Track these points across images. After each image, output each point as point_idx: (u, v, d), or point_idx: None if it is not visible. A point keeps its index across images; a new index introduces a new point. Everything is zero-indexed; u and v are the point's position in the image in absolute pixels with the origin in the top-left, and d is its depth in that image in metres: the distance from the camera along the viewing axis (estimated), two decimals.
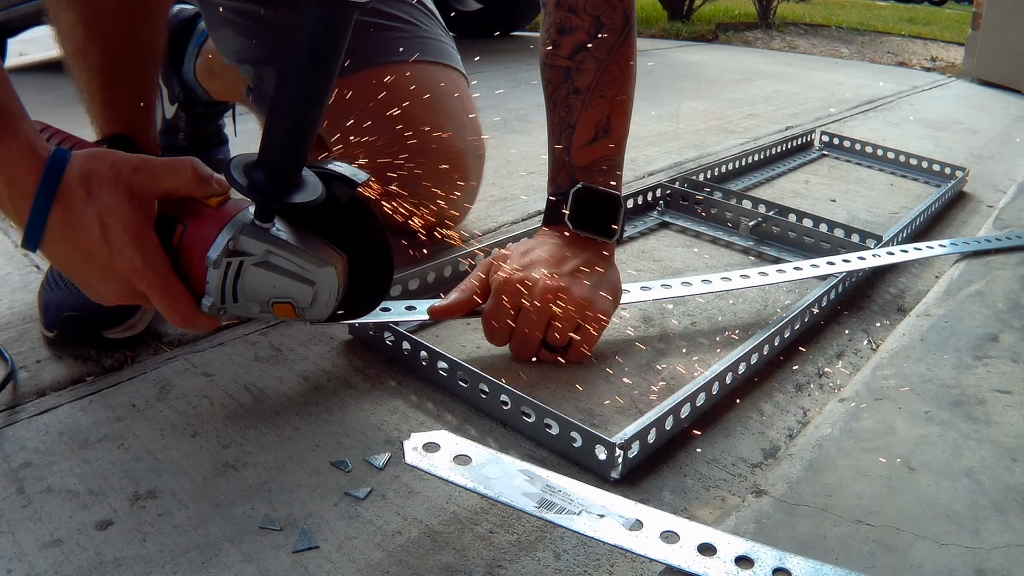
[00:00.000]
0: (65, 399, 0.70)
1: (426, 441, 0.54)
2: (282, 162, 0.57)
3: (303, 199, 0.57)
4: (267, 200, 0.57)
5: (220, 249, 0.58)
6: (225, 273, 0.59)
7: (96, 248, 0.57)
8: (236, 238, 0.58)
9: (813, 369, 0.81)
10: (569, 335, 0.76)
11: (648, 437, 0.64)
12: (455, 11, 3.24)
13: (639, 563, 0.54)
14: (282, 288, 0.61)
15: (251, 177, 0.56)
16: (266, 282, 0.60)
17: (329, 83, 0.55)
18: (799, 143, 1.63)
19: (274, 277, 0.60)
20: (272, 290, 0.61)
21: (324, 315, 0.63)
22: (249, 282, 0.60)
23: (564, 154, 0.82)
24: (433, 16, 1.10)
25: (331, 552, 0.54)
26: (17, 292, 0.90)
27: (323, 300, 0.62)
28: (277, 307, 0.62)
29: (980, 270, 1.00)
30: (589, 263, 0.79)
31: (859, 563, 0.52)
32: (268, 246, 0.59)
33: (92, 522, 0.56)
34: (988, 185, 1.47)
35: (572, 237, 0.80)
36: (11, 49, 2.70)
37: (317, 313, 0.63)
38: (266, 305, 0.61)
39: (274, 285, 0.60)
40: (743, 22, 4.49)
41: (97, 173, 0.56)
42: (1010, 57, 2.52)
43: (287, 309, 0.62)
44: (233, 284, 0.60)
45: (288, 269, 0.60)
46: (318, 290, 0.61)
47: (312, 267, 0.60)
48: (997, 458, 0.63)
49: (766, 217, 1.11)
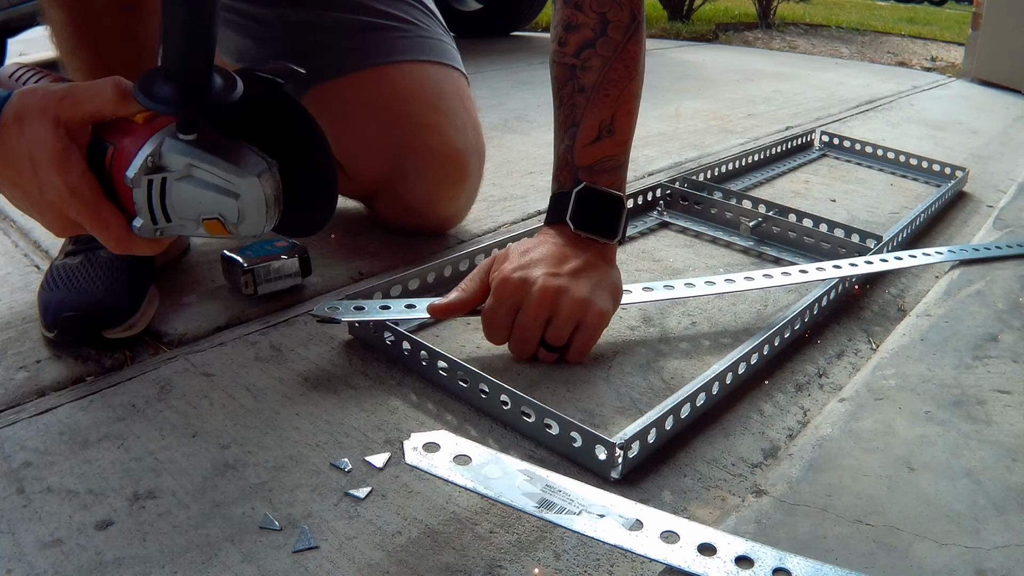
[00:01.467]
0: (65, 399, 0.70)
1: (426, 441, 0.55)
2: (185, 64, 0.54)
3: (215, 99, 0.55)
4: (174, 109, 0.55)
5: (138, 166, 0.56)
6: (149, 191, 0.56)
7: (29, 181, 0.57)
8: (156, 153, 0.56)
9: (813, 369, 0.81)
10: (568, 335, 0.76)
11: (648, 437, 0.64)
12: (455, 11, 3.26)
13: (639, 563, 0.54)
14: (208, 203, 0.57)
15: (156, 87, 0.54)
16: (191, 198, 0.57)
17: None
18: (799, 143, 1.63)
19: (198, 192, 0.57)
20: (199, 206, 0.58)
21: (258, 229, 0.59)
22: (176, 198, 0.57)
23: (568, 153, 0.82)
24: (433, 16, 1.10)
25: (331, 552, 0.54)
26: (17, 292, 0.90)
27: (252, 213, 0.58)
28: (208, 224, 0.58)
29: (980, 270, 1.00)
30: (590, 263, 0.78)
31: (859, 563, 0.52)
32: (189, 159, 0.56)
33: (92, 522, 0.56)
34: (988, 185, 1.47)
35: (574, 237, 0.80)
36: (11, 49, 2.70)
37: (250, 228, 0.59)
38: (199, 224, 0.58)
39: (199, 200, 0.57)
40: (743, 22, 4.49)
41: (28, 108, 0.57)
42: (1010, 57, 2.52)
43: (217, 226, 0.59)
44: (161, 202, 0.57)
45: (211, 183, 0.57)
46: (244, 203, 0.57)
47: (234, 178, 0.57)
48: (997, 458, 0.63)
49: (766, 217, 1.11)
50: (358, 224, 1.11)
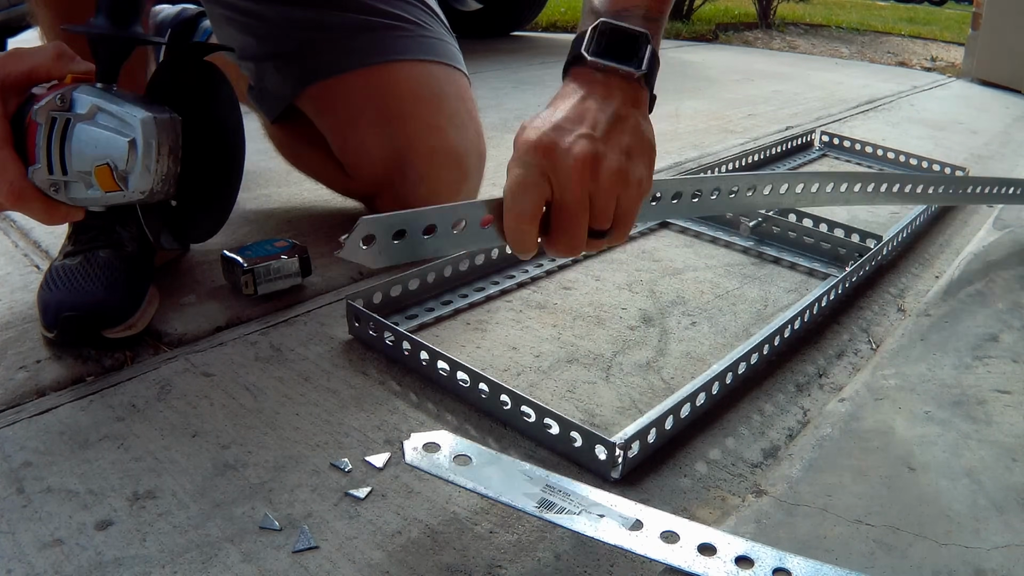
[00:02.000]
0: (65, 399, 0.70)
1: (426, 441, 0.55)
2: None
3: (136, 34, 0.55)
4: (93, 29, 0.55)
5: (46, 102, 0.55)
6: (50, 131, 0.56)
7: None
8: (67, 94, 0.56)
9: (813, 369, 0.81)
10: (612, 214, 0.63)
11: (648, 437, 0.64)
12: (455, 11, 3.26)
13: (639, 563, 0.54)
14: (102, 147, 0.56)
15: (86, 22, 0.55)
16: (89, 141, 0.56)
17: None
18: (799, 143, 1.63)
19: (95, 133, 0.56)
20: (93, 150, 0.56)
21: (146, 183, 0.57)
22: (75, 144, 0.56)
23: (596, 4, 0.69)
24: (436, 16, 1.10)
25: (331, 552, 0.54)
26: (17, 292, 0.90)
27: (143, 161, 0.56)
28: (99, 173, 0.57)
29: (980, 270, 1.00)
30: (620, 117, 0.64)
31: (859, 563, 0.52)
32: (97, 100, 0.56)
33: (92, 522, 0.56)
34: None
35: (593, 81, 0.65)
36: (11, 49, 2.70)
37: (138, 181, 0.56)
38: (91, 177, 0.57)
39: (96, 144, 0.56)
40: (743, 22, 4.49)
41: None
42: (1010, 57, 2.52)
43: (107, 175, 0.57)
44: (61, 147, 0.56)
45: (109, 125, 0.56)
46: (136, 147, 0.55)
47: (131, 117, 0.55)
48: (997, 458, 0.63)
49: (766, 217, 1.11)
50: None
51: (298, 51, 1.02)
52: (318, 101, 1.03)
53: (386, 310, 0.86)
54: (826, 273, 1.02)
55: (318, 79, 1.01)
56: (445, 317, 0.87)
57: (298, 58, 1.02)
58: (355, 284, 0.95)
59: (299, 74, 1.02)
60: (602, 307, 0.91)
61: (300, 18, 1.02)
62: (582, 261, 1.03)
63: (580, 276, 0.99)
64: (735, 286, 0.98)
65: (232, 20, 1.04)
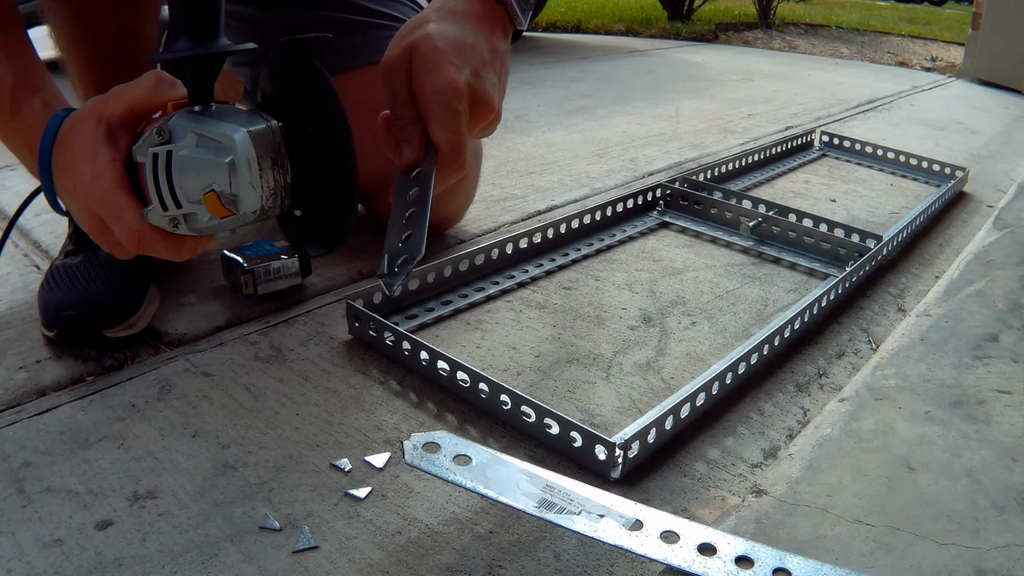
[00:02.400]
0: (65, 399, 0.70)
1: (426, 441, 0.54)
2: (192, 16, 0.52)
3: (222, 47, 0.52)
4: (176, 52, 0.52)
5: (144, 139, 0.53)
6: (155, 166, 0.53)
7: (68, 176, 0.57)
8: (164, 125, 0.53)
9: (813, 369, 0.81)
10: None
11: (648, 437, 0.64)
12: None
13: (639, 563, 0.54)
14: (205, 173, 0.52)
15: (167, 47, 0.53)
16: (193, 169, 0.53)
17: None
18: (799, 143, 1.63)
19: (199, 160, 0.52)
20: (198, 178, 0.53)
21: (256, 203, 0.53)
22: (181, 175, 0.53)
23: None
24: None
25: (331, 552, 0.54)
26: (17, 292, 0.90)
27: (245, 179, 0.52)
28: (208, 200, 0.53)
29: (980, 270, 1.00)
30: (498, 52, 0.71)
31: (859, 563, 0.52)
32: (195, 126, 0.52)
33: (92, 522, 0.56)
34: (988, 185, 1.47)
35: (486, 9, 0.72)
36: None
37: (248, 201, 0.53)
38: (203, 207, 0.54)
39: (199, 172, 0.52)
40: (743, 22, 4.49)
41: (80, 114, 0.57)
42: (1010, 57, 2.52)
43: (215, 202, 0.53)
44: (169, 181, 0.53)
45: (208, 149, 0.53)
46: (235, 166, 0.52)
47: (226, 135, 0.52)
48: (997, 458, 0.63)
49: (766, 217, 1.11)
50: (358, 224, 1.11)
51: None
52: None
53: (386, 310, 0.86)
54: (826, 273, 1.02)
55: None
56: (445, 317, 0.87)
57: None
58: (355, 284, 0.95)
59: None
60: (602, 307, 0.91)
61: (290, 20, 1.02)
62: (582, 261, 1.03)
63: (580, 276, 0.99)
64: (735, 286, 0.98)
65: (226, 25, 1.04)
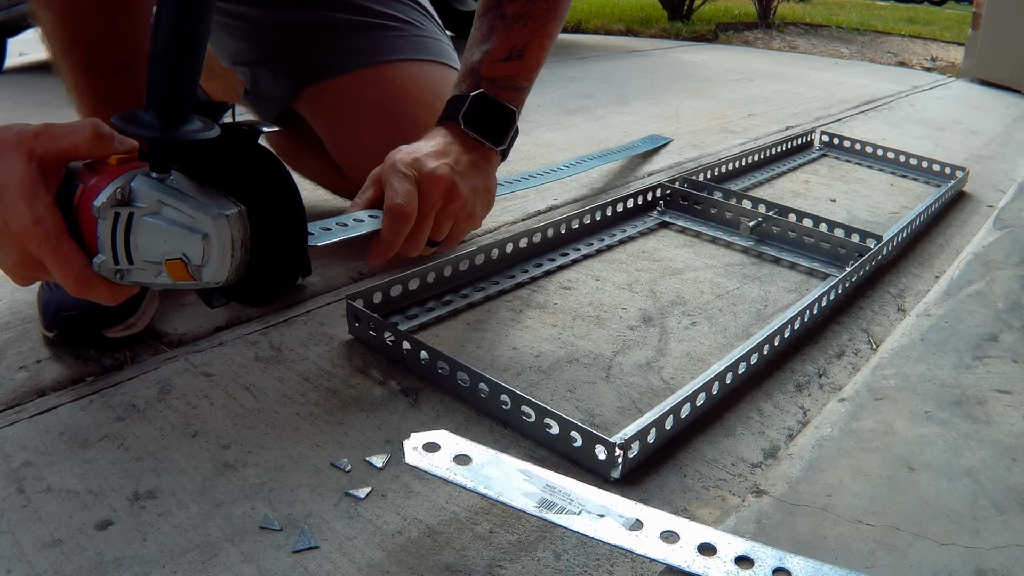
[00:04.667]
0: (65, 399, 0.70)
1: (426, 441, 0.54)
2: (165, 96, 0.54)
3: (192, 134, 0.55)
4: (149, 132, 0.55)
5: (106, 196, 0.55)
6: (114, 225, 0.56)
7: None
8: (126, 187, 0.56)
9: (813, 369, 0.81)
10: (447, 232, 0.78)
11: (648, 437, 0.64)
12: (455, 10, 3.25)
13: (639, 563, 0.54)
14: (173, 242, 0.56)
15: (137, 118, 0.55)
16: (157, 235, 0.57)
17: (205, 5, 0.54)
18: (799, 143, 1.63)
19: (164, 229, 0.56)
20: (163, 244, 0.57)
21: (221, 275, 0.58)
22: (141, 237, 0.57)
23: (476, 65, 0.84)
24: (429, 15, 1.10)
25: (331, 552, 0.54)
26: (17, 292, 0.90)
27: (217, 255, 0.57)
28: (170, 265, 0.57)
29: (980, 270, 1.00)
30: (475, 164, 0.80)
31: (859, 563, 0.52)
32: (160, 195, 0.56)
33: (92, 522, 0.56)
34: (988, 185, 1.47)
35: (462, 136, 0.81)
36: (11, 49, 2.70)
37: (213, 272, 0.58)
38: (161, 267, 0.58)
39: (165, 239, 0.56)
40: (743, 22, 4.49)
41: (3, 141, 0.56)
42: (1010, 57, 2.52)
43: (180, 268, 0.58)
44: (125, 239, 0.56)
45: (178, 220, 0.56)
46: (210, 243, 0.57)
47: (204, 216, 0.56)
48: (997, 458, 0.63)
49: (766, 217, 1.11)
50: None
51: (292, 54, 1.02)
52: (314, 104, 1.02)
53: (386, 310, 0.86)
54: (826, 273, 1.02)
55: (313, 82, 1.01)
56: (445, 317, 0.87)
57: (292, 61, 1.02)
58: (355, 284, 0.95)
59: (294, 77, 1.02)
60: (602, 307, 0.91)
61: (293, 20, 1.02)
62: (582, 261, 1.03)
63: (580, 276, 0.99)
64: (735, 286, 0.98)
65: (226, 25, 1.04)
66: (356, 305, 0.80)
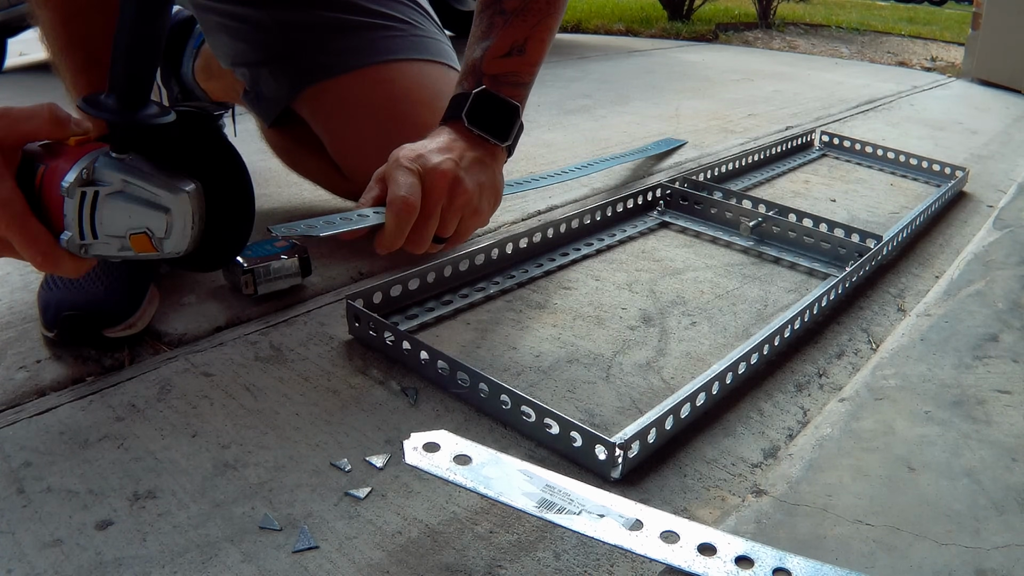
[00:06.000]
0: (65, 399, 0.70)
1: (426, 441, 0.54)
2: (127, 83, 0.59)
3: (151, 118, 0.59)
4: (112, 116, 0.59)
5: (73, 178, 0.59)
6: (80, 204, 0.60)
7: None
8: (90, 168, 0.60)
9: (813, 369, 0.81)
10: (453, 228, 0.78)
11: (648, 437, 0.64)
12: (455, 10, 3.25)
13: (639, 563, 0.54)
14: (137, 218, 0.61)
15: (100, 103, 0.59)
16: (122, 212, 0.61)
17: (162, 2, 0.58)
18: (799, 143, 1.63)
19: (129, 207, 0.61)
20: (128, 220, 0.61)
21: (181, 247, 0.63)
22: (106, 214, 0.61)
23: (477, 62, 0.84)
24: (428, 15, 1.10)
25: (331, 552, 0.54)
26: (17, 292, 0.90)
27: (179, 229, 0.62)
28: (134, 239, 0.62)
29: (980, 270, 1.00)
30: (480, 160, 0.80)
31: (859, 563, 0.52)
32: (123, 175, 0.60)
33: (92, 522, 0.56)
34: (988, 185, 1.47)
35: (466, 133, 0.82)
36: (11, 49, 2.70)
37: (174, 244, 0.63)
38: (124, 241, 0.62)
39: (129, 215, 0.61)
40: (743, 22, 4.49)
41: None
42: (1010, 57, 2.52)
43: (143, 241, 0.62)
44: (91, 217, 0.60)
45: (142, 197, 0.61)
46: (173, 217, 0.62)
47: (166, 193, 0.61)
48: (997, 458, 0.63)
49: (766, 217, 1.11)
50: None
51: (292, 54, 1.02)
52: (313, 104, 1.02)
53: (386, 310, 0.86)
54: (826, 273, 1.02)
55: (313, 82, 1.00)
56: (445, 317, 0.87)
57: (292, 61, 1.02)
58: (355, 284, 0.95)
59: (293, 77, 1.02)
60: (602, 307, 0.91)
61: (292, 21, 1.02)
62: (582, 261, 1.03)
63: (580, 276, 0.99)
64: (735, 286, 0.98)
65: (225, 27, 1.04)
66: (356, 305, 0.80)
